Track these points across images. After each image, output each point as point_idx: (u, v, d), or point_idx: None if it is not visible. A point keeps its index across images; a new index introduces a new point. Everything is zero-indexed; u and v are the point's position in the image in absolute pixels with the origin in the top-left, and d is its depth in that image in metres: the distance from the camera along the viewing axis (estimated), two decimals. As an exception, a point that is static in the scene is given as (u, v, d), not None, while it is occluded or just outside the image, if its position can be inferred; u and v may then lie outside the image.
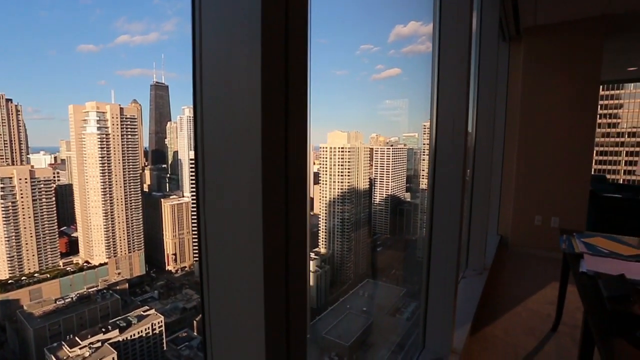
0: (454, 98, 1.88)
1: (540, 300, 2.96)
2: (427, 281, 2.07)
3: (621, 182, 6.49)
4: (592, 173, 7.09)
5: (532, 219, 4.13)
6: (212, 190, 0.64)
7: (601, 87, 9.12)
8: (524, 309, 2.83)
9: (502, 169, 4.33)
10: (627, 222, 4.02)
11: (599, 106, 9.66)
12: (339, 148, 7.45)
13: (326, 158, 7.44)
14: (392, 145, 7.64)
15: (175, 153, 10.77)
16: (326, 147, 7.37)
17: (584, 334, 1.54)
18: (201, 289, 0.71)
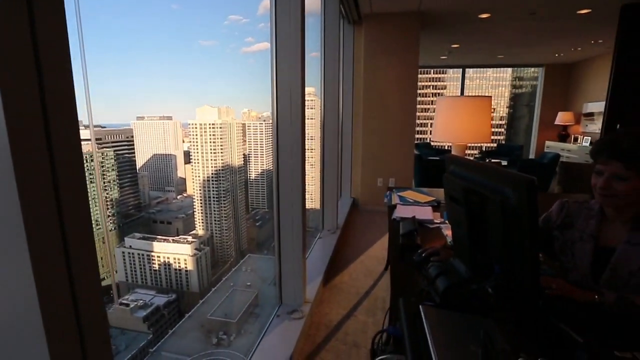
0: (291, 71, 2.02)
1: (379, 247, 3.60)
2: (278, 245, 2.26)
3: (446, 147, 8.16)
4: (425, 141, 8.70)
5: (375, 181, 4.90)
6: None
7: (432, 70, 11.12)
8: (366, 257, 3.40)
9: (352, 139, 4.92)
10: (441, 178, 5.18)
11: (432, 86, 11.77)
12: (209, 124, 7.06)
13: (196, 135, 7.00)
14: (264, 120, 7.65)
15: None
16: (195, 124, 6.92)
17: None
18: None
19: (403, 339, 0.93)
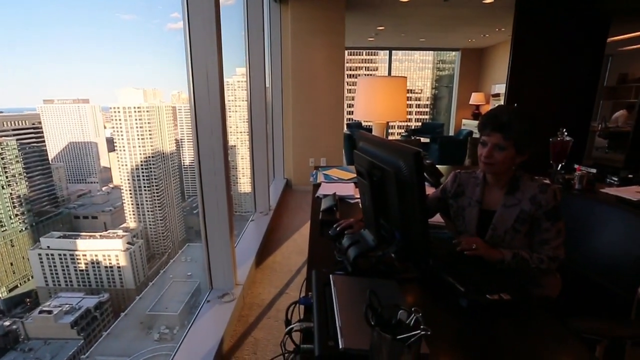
0: (206, 49, 1.93)
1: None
2: (205, 230, 2.21)
3: (375, 127, 8.49)
4: (357, 121, 8.98)
5: (307, 161, 4.97)
6: None
7: (364, 52, 11.35)
8: (299, 235, 3.48)
9: (283, 120, 4.89)
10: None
11: (365, 68, 12.05)
12: (134, 107, 6.45)
13: (120, 120, 6.36)
14: (196, 103, 7.24)
15: None
16: (118, 108, 6.27)
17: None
18: None
19: (312, 307, 0.99)
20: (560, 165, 2.54)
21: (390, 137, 8.85)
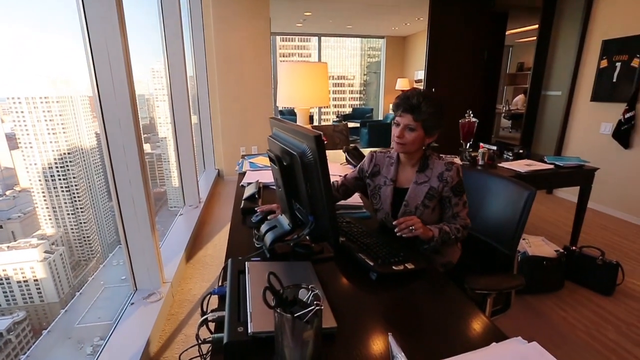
0: (107, 31, 1.75)
1: (244, 215, 3.65)
2: (123, 229, 2.05)
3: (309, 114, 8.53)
4: (290, 108, 8.93)
5: (238, 151, 4.84)
6: None
7: (297, 38, 11.20)
8: (232, 226, 3.41)
9: (210, 110, 4.67)
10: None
11: (298, 54, 11.92)
12: (41, 98, 5.59)
13: (22, 113, 5.48)
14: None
15: None
16: (19, 98, 5.38)
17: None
18: None
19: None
20: (468, 144, 2.82)
21: (322, 123, 8.97)
